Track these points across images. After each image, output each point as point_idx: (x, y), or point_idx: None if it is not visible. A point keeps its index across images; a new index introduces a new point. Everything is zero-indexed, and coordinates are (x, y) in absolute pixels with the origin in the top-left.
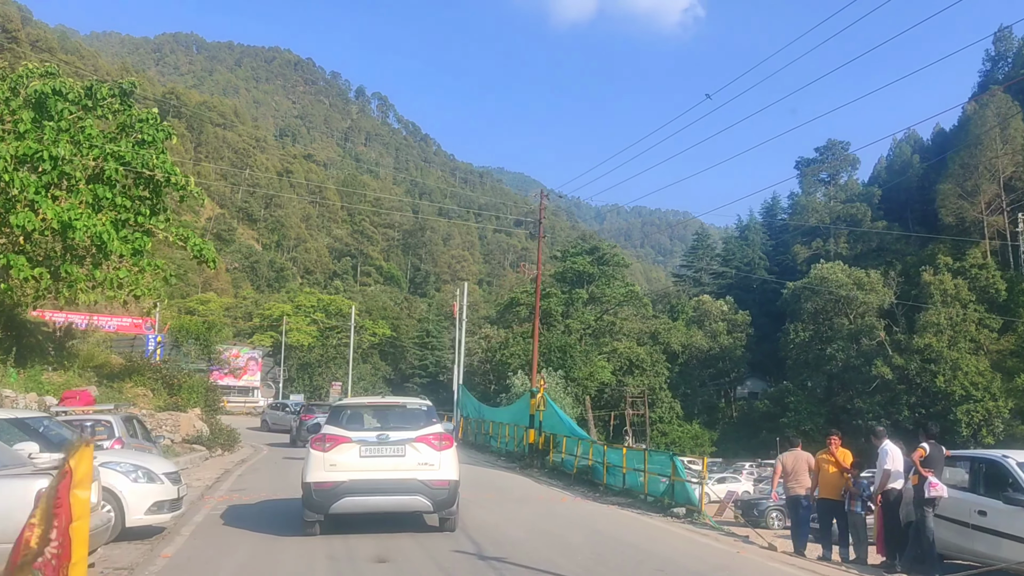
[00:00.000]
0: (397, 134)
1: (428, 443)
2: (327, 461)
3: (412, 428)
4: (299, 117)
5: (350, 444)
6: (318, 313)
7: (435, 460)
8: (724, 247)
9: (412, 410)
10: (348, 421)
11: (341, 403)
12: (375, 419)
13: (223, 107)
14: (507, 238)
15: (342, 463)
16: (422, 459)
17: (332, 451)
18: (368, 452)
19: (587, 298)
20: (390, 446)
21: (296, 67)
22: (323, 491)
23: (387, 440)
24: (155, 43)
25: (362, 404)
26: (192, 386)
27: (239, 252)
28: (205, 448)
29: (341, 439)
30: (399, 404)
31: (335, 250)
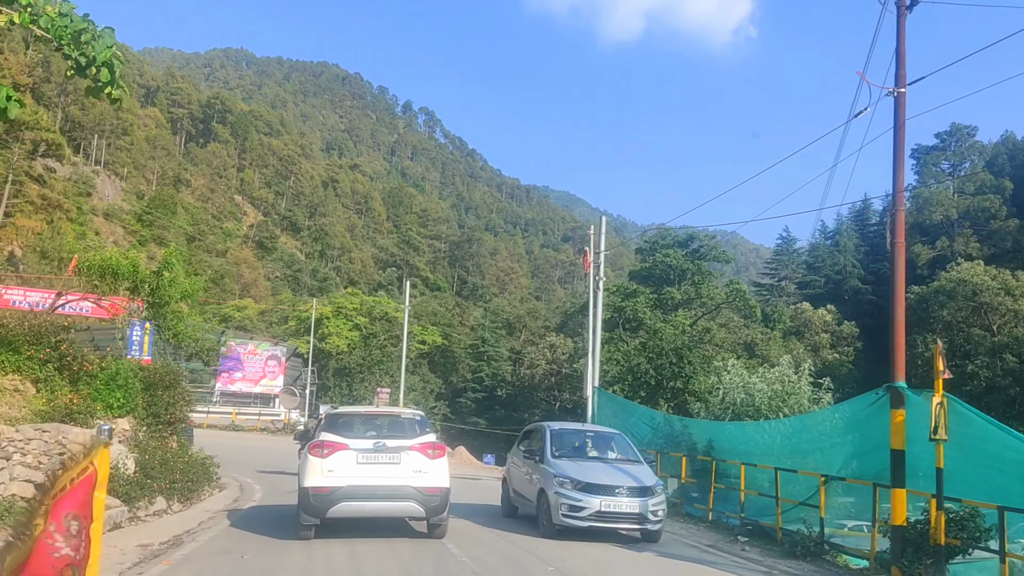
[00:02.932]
0: (444, 149)
1: (422, 452)
2: (325, 467)
3: (407, 437)
4: (346, 131)
5: (348, 451)
6: (360, 317)
7: (428, 468)
8: (811, 254)
9: (407, 420)
10: (345, 429)
11: (338, 411)
12: (371, 427)
13: (269, 116)
14: (554, 253)
15: (340, 469)
16: (416, 467)
17: (330, 457)
18: (365, 459)
19: (680, 299)
20: (386, 453)
21: (344, 81)
22: (321, 495)
23: (383, 448)
24: (205, 58)
25: (359, 413)
26: (115, 377)
27: (281, 260)
28: (123, 501)
29: (339, 446)
30: (394, 414)
31: (380, 260)
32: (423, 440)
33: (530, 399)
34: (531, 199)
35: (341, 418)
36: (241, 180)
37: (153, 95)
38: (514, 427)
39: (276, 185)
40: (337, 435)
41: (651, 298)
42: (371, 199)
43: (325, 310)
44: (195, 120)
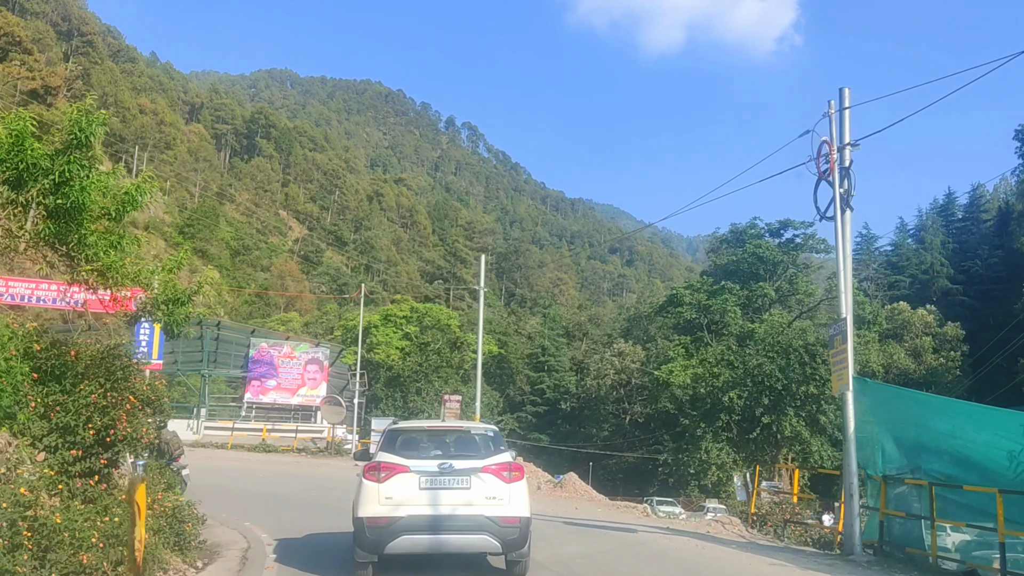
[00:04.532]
0: (487, 163)
1: (496, 474)
2: (382, 493)
3: (478, 457)
4: (390, 147)
5: (408, 474)
6: (411, 326)
7: (504, 494)
8: (894, 252)
9: (476, 436)
10: (405, 448)
11: (397, 427)
12: (435, 446)
13: (313, 132)
14: (602, 265)
15: (399, 496)
16: (490, 492)
17: (388, 482)
18: (429, 483)
19: (774, 297)
20: (454, 477)
21: (387, 98)
22: (378, 528)
23: (450, 470)
24: (251, 79)
25: (420, 428)
26: None
27: (327, 274)
28: None
29: (398, 468)
30: (462, 429)
31: (427, 273)
32: (498, 460)
33: (596, 413)
34: (576, 212)
35: (401, 435)
36: (286, 195)
37: (197, 112)
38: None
39: (321, 199)
40: (396, 455)
41: (740, 295)
42: (416, 212)
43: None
44: (239, 136)
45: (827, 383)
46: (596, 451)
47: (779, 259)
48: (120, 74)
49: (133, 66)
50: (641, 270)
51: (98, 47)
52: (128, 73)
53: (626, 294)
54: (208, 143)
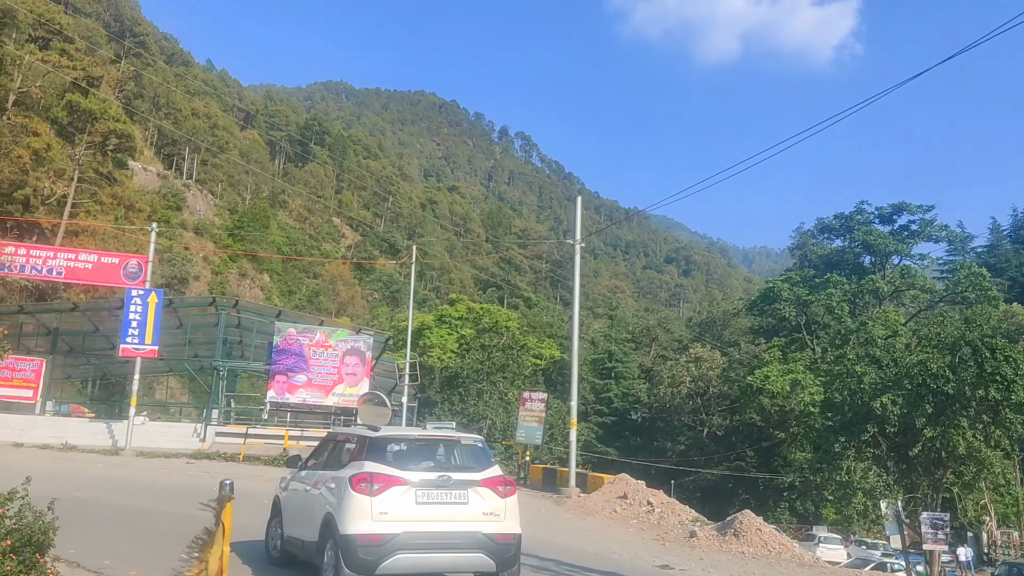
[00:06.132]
0: (540, 173)
1: (493, 488)
2: (376, 508)
3: (474, 469)
4: (443, 158)
5: (404, 487)
6: (467, 328)
7: (500, 509)
8: (991, 253)
9: (469, 446)
10: (398, 458)
11: (384, 435)
12: (427, 456)
13: (368, 141)
14: (657, 275)
15: (395, 511)
16: (487, 507)
17: (382, 495)
18: (425, 497)
19: (886, 292)
20: (451, 491)
21: (440, 109)
22: (371, 546)
23: (448, 483)
24: (306, 92)
25: (412, 437)
26: None
27: (379, 281)
28: None
29: (394, 480)
30: (454, 438)
31: (480, 281)
32: (493, 474)
33: (671, 425)
34: (630, 221)
35: (390, 443)
36: (339, 201)
37: (252, 119)
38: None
39: (374, 207)
40: (388, 465)
41: (848, 289)
42: (470, 220)
43: (427, 318)
44: (293, 142)
45: (1014, 385)
46: (672, 466)
47: (891, 248)
48: (173, 77)
49: (187, 70)
50: (698, 280)
51: (151, 48)
52: (181, 76)
53: (683, 304)
54: (262, 148)
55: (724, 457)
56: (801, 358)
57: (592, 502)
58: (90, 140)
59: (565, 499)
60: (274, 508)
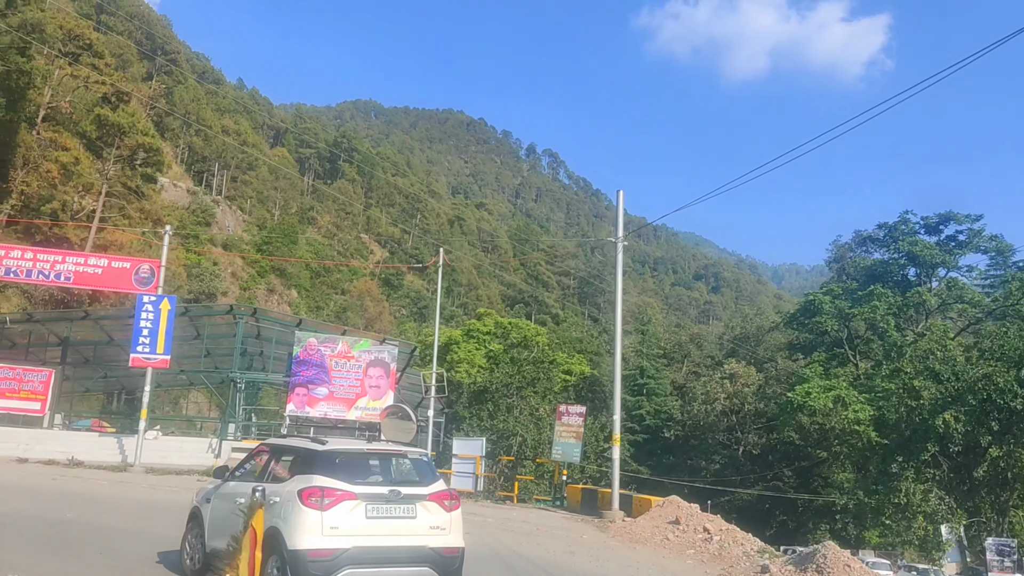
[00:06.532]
0: (568, 190)
1: (440, 502)
2: (326, 522)
3: (422, 483)
4: (471, 175)
5: (355, 501)
6: (495, 343)
7: (446, 523)
8: None
9: (416, 461)
10: (347, 471)
11: (333, 448)
12: (374, 470)
13: (396, 158)
14: (687, 291)
15: (345, 525)
16: (434, 522)
17: (332, 509)
18: (376, 512)
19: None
20: (400, 505)
21: (468, 127)
22: (321, 561)
23: (398, 497)
24: (336, 111)
25: (360, 450)
26: None
27: (407, 297)
28: None
29: (344, 494)
30: (401, 452)
31: (508, 297)
32: (439, 488)
33: (704, 443)
34: (659, 238)
35: (339, 456)
36: (367, 218)
37: (282, 136)
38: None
39: (403, 223)
40: (338, 479)
41: (893, 301)
42: (497, 237)
43: (454, 333)
44: (322, 159)
45: None
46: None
47: (937, 260)
48: (204, 94)
49: (218, 87)
50: (728, 297)
51: (182, 66)
52: (212, 94)
53: (712, 321)
54: (291, 166)
55: (760, 477)
56: (844, 374)
57: (640, 528)
58: (119, 154)
59: (608, 524)
60: (192, 519)
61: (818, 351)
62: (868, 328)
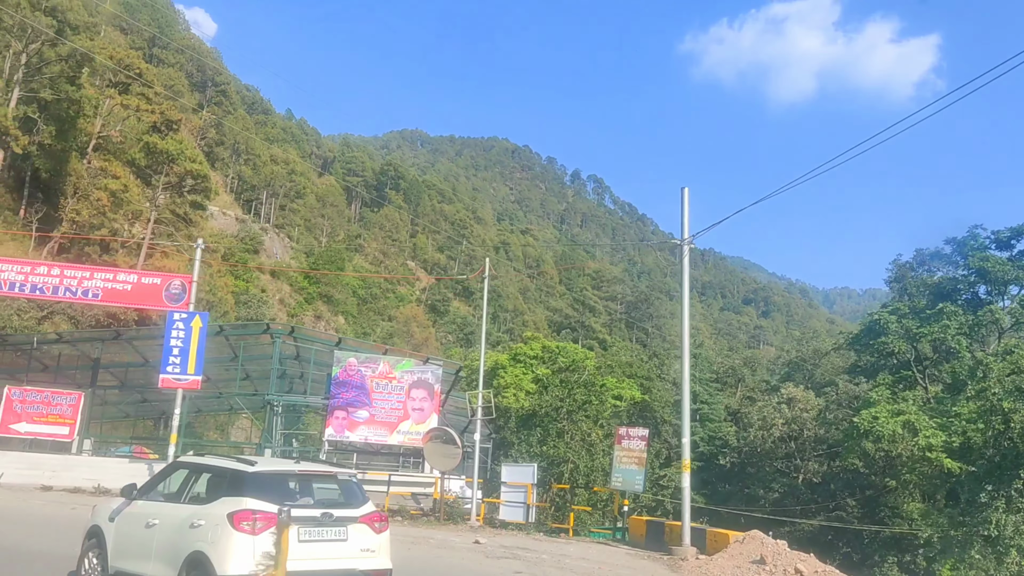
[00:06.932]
0: (613, 215)
1: (370, 524)
2: (258, 547)
3: (353, 505)
4: (516, 202)
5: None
6: (542, 368)
7: (376, 545)
8: None
9: (346, 482)
10: (277, 494)
11: (263, 469)
12: (305, 492)
13: (442, 186)
14: (736, 316)
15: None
16: (365, 544)
17: (265, 533)
18: (308, 535)
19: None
20: (332, 528)
21: (513, 154)
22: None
23: (330, 520)
24: (383, 140)
25: (291, 472)
26: None
27: (453, 323)
28: None
29: (276, 517)
30: (331, 474)
31: (554, 323)
32: (369, 510)
33: (761, 471)
34: (706, 262)
35: (270, 478)
36: (414, 245)
37: (329, 165)
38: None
39: (448, 249)
40: (270, 502)
41: (963, 320)
42: (543, 262)
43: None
44: (369, 187)
45: None
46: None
47: (1010, 276)
48: (253, 124)
49: (267, 117)
50: (778, 321)
51: (232, 98)
52: (262, 124)
53: (763, 346)
54: (338, 194)
55: (822, 507)
56: (912, 397)
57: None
58: (167, 181)
59: (680, 562)
60: (92, 538)
61: (882, 373)
62: (935, 349)
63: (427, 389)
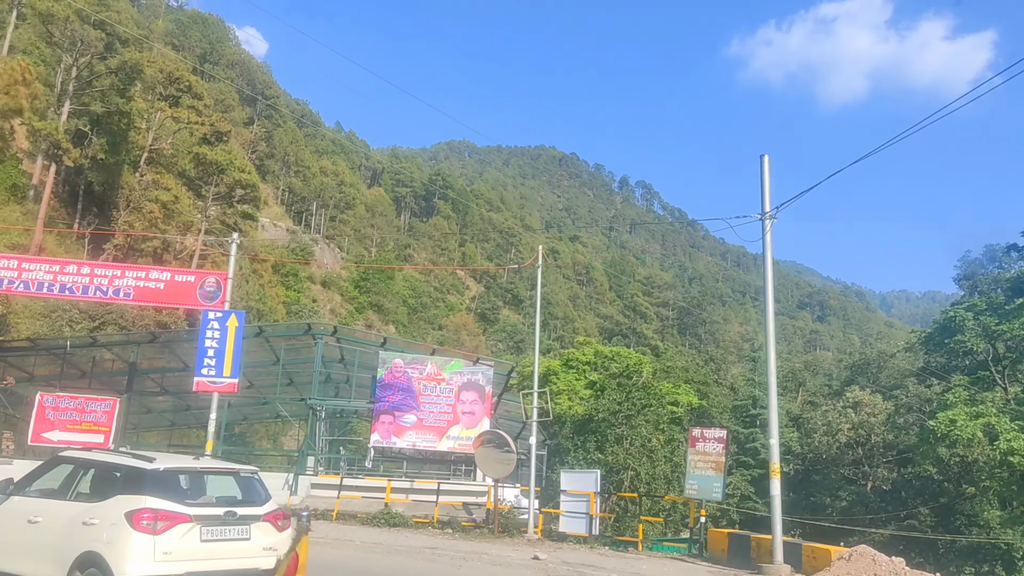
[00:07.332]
0: (663, 221)
1: (273, 523)
2: (159, 547)
3: (256, 503)
4: (564, 209)
5: (190, 524)
6: (594, 374)
7: (277, 544)
8: None
9: (248, 479)
10: (178, 492)
11: (163, 466)
12: (207, 489)
13: (490, 195)
14: (791, 320)
15: (180, 550)
16: (267, 543)
17: (166, 533)
18: (210, 535)
19: None
20: (235, 526)
21: (560, 162)
22: None
23: (233, 518)
24: (431, 152)
25: (192, 468)
26: None
27: (503, 331)
28: None
29: (179, 517)
30: (233, 470)
31: (605, 330)
32: (272, 508)
33: (827, 478)
34: (758, 266)
35: (171, 475)
36: (463, 254)
37: (378, 176)
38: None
39: (497, 258)
40: (171, 500)
41: None
42: (592, 269)
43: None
44: (417, 197)
45: None
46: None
47: None
48: (303, 137)
49: (316, 130)
50: (835, 326)
51: (281, 111)
52: (311, 136)
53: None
54: (387, 204)
55: (892, 515)
56: (992, 398)
57: None
58: (217, 191)
59: None
60: None
61: (957, 375)
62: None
63: (478, 391)
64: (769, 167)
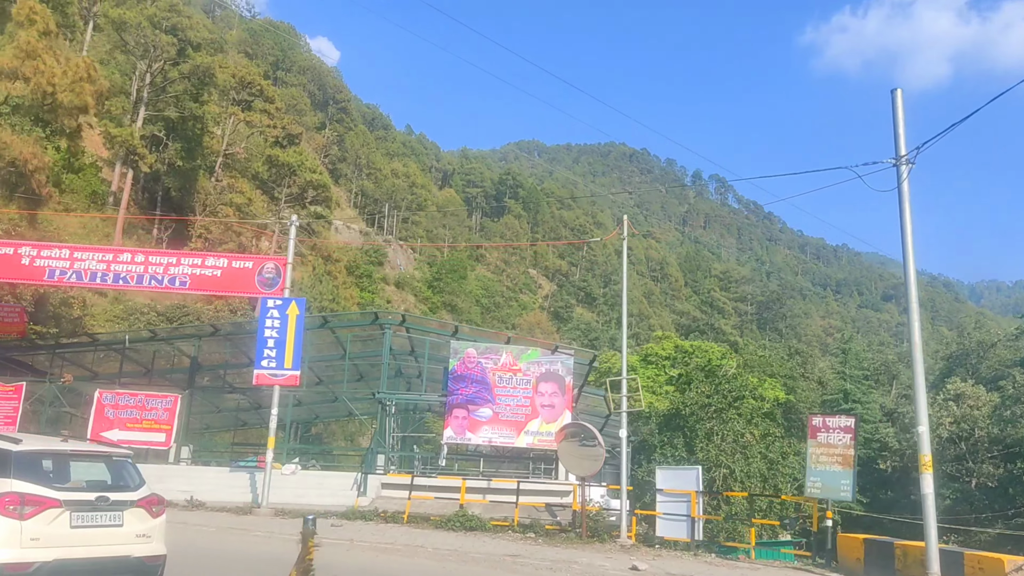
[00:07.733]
0: (738, 214)
1: (147, 508)
2: (26, 533)
3: (129, 488)
4: (636, 206)
5: (59, 509)
6: (674, 369)
7: (151, 530)
8: None
9: (120, 463)
10: (47, 475)
11: (30, 448)
12: (77, 473)
13: (560, 193)
14: (875, 313)
15: (48, 536)
16: (140, 529)
17: (34, 519)
18: (80, 520)
19: None
20: (107, 512)
21: (631, 158)
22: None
23: (105, 504)
24: (500, 153)
25: (61, 451)
26: None
27: (577, 329)
28: None
29: (48, 502)
30: (105, 454)
31: (681, 326)
32: (146, 493)
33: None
34: (839, 259)
35: (38, 458)
36: (534, 253)
37: (449, 178)
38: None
39: (569, 256)
40: (39, 484)
41: None
42: (667, 265)
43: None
44: (488, 197)
45: None
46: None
47: None
48: (374, 140)
49: (387, 133)
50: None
51: (352, 115)
52: (382, 139)
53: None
54: (459, 205)
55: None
56: None
57: None
58: (289, 192)
59: None
60: None
61: None
62: None
63: (557, 382)
64: (902, 101)
